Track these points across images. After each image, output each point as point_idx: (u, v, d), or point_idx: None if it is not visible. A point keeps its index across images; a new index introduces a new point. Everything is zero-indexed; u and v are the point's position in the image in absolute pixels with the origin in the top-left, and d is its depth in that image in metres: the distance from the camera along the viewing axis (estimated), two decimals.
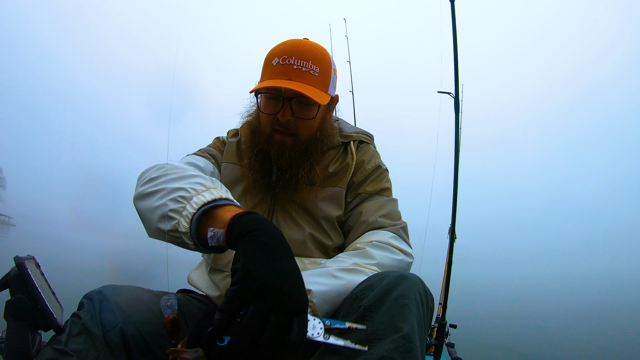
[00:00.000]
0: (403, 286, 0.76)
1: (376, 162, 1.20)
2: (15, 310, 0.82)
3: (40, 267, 0.91)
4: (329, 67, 1.12)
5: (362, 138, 1.25)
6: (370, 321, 0.73)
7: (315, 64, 1.08)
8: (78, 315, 0.88)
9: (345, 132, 1.25)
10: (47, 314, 0.85)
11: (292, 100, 1.06)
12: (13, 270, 0.84)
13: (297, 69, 1.06)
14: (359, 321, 0.73)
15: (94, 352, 0.84)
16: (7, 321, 0.83)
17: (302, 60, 1.06)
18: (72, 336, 0.85)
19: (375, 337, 0.70)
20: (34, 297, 0.83)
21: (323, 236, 1.11)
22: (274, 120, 1.09)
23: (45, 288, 0.88)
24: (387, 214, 1.12)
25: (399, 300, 0.74)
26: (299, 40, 1.11)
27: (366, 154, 1.22)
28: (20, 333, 0.83)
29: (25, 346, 0.83)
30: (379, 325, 0.72)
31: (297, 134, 1.10)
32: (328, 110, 1.19)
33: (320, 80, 1.09)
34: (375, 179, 1.18)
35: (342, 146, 1.22)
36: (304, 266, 1.06)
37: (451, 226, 2.61)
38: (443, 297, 2.56)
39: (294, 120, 1.08)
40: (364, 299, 0.77)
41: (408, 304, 0.74)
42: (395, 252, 1.03)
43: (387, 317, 0.72)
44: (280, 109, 1.07)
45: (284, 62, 1.06)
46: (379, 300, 0.75)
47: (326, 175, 1.16)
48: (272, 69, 1.08)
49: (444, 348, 2.30)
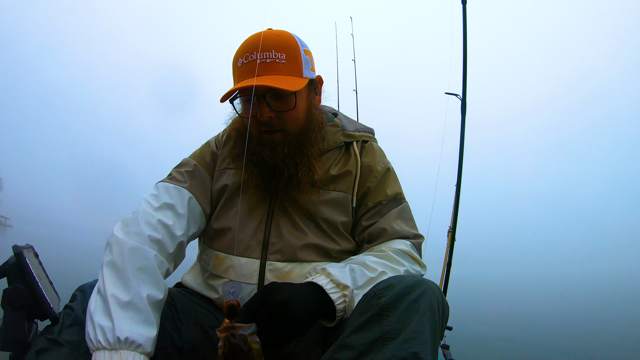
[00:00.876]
0: (420, 290, 0.77)
1: (385, 164, 1.16)
2: (12, 298, 0.83)
3: (38, 256, 0.92)
4: (297, 50, 1.05)
5: (365, 137, 1.19)
6: (387, 320, 0.74)
7: (279, 52, 1.02)
8: (71, 307, 0.89)
9: (347, 130, 1.19)
10: (44, 303, 0.85)
11: (266, 96, 1.01)
12: (11, 259, 0.84)
13: (261, 62, 1.01)
14: (376, 318, 0.75)
15: (85, 343, 0.84)
16: (4, 309, 0.83)
17: (265, 52, 1.01)
18: (64, 327, 0.86)
19: (391, 336, 0.72)
20: (31, 286, 0.84)
21: (326, 241, 1.07)
22: (257, 121, 1.04)
23: (43, 278, 0.89)
24: (406, 221, 1.12)
25: (416, 304, 0.75)
26: (258, 33, 1.06)
27: (372, 156, 1.16)
28: (17, 322, 0.83)
29: (21, 335, 0.83)
30: (394, 325, 0.73)
31: (285, 129, 1.05)
32: (313, 95, 1.13)
33: (289, 67, 1.03)
34: (389, 184, 1.14)
35: (344, 146, 1.17)
36: (305, 272, 1.03)
37: (452, 229, 2.60)
38: None
39: (276, 115, 1.03)
40: (382, 297, 0.78)
41: (423, 307, 0.75)
42: (415, 263, 1.04)
43: (402, 318, 0.73)
44: (258, 109, 1.03)
45: (247, 60, 1.03)
46: (396, 301, 0.76)
47: (329, 178, 1.11)
48: (239, 70, 1.05)
49: (439, 350, 2.31)
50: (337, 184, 1.11)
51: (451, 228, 2.70)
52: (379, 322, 0.74)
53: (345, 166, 1.13)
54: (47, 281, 0.92)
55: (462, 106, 2.45)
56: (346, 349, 0.74)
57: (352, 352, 0.73)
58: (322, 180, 1.10)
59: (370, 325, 0.75)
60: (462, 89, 2.38)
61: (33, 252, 0.91)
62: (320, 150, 1.12)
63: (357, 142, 1.17)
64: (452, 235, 2.63)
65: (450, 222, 2.74)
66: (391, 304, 0.76)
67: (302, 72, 1.05)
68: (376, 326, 0.74)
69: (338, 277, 0.88)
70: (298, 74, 1.04)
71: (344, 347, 0.75)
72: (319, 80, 1.14)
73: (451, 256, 2.60)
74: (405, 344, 0.70)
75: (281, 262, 1.04)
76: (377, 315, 0.75)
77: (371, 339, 0.72)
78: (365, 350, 0.71)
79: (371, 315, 0.76)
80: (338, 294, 0.85)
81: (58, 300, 0.93)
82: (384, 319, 0.74)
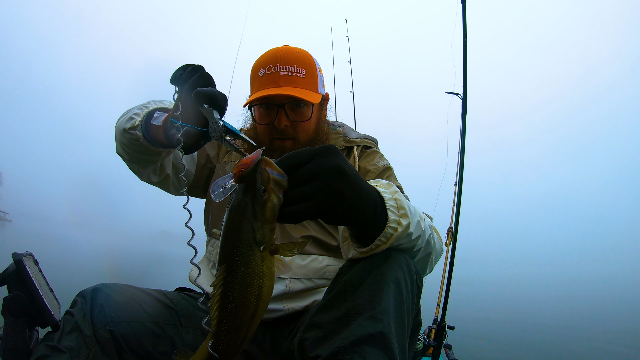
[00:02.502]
0: (384, 263, 0.76)
1: (383, 164, 1.20)
2: (12, 306, 0.82)
3: (38, 263, 0.91)
4: (314, 67, 1.16)
5: (366, 143, 1.25)
6: (351, 296, 0.73)
7: (300, 67, 1.12)
8: (71, 313, 0.89)
9: (349, 137, 1.26)
10: (45, 310, 0.85)
11: (285, 105, 1.10)
12: (11, 266, 0.84)
13: (284, 74, 1.10)
14: (341, 295, 0.73)
15: (85, 349, 0.85)
16: (5, 317, 0.83)
17: (287, 66, 1.10)
18: (65, 333, 0.86)
19: (356, 312, 0.71)
20: (31, 294, 0.84)
21: (324, 235, 1.10)
22: (271, 129, 1.12)
23: (43, 285, 0.88)
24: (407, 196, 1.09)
25: (379, 278, 0.74)
26: (279, 47, 1.15)
27: (370, 159, 1.21)
28: (18, 330, 0.83)
29: (22, 343, 0.83)
30: (359, 300, 0.72)
31: (296, 137, 1.13)
32: (321, 109, 1.22)
33: (308, 81, 1.12)
34: (387, 179, 1.16)
35: (345, 150, 1.23)
36: (304, 263, 1.07)
37: (453, 229, 2.59)
38: (442, 299, 2.56)
39: (291, 125, 1.12)
40: (346, 274, 0.77)
41: (387, 281, 0.73)
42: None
43: (366, 293, 0.72)
44: (276, 116, 1.10)
45: (270, 70, 1.10)
46: (359, 276, 0.75)
47: None
48: (260, 80, 1.12)
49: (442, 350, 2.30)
50: None
51: (452, 228, 2.69)
52: (344, 299, 0.73)
53: None
54: (47, 288, 0.91)
55: (462, 105, 2.45)
56: (315, 327, 0.74)
57: (320, 331, 0.72)
58: None
59: (335, 303, 0.74)
60: (463, 88, 2.38)
61: (33, 259, 0.90)
62: None
63: (357, 147, 1.23)
64: (454, 235, 2.62)
65: (451, 222, 2.73)
66: (355, 280, 0.75)
67: (317, 88, 1.15)
68: (341, 303, 0.73)
69: (402, 201, 0.77)
70: (314, 89, 1.14)
71: (312, 326, 0.74)
72: (327, 97, 1.24)
73: (453, 256, 2.59)
74: (370, 320, 0.69)
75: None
76: (341, 292, 0.75)
77: (337, 317, 0.72)
78: (332, 329, 0.71)
79: (336, 292, 0.75)
80: (395, 216, 0.75)
81: (59, 307, 0.93)
82: (348, 295, 0.74)
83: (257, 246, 0.62)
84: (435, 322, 2.44)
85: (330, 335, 0.70)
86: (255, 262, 0.62)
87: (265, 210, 0.61)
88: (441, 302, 2.54)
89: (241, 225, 0.61)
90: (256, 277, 0.63)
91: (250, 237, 0.62)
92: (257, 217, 0.61)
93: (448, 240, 2.67)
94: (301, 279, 1.07)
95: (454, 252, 2.57)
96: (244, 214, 0.61)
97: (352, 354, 0.66)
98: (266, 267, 0.64)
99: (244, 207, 0.61)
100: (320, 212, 0.64)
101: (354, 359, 0.65)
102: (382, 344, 0.67)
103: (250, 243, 0.62)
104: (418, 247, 0.82)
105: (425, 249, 0.85)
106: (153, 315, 0.98)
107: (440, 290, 2.65)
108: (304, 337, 0.74)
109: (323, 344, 0.70)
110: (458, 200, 2.56)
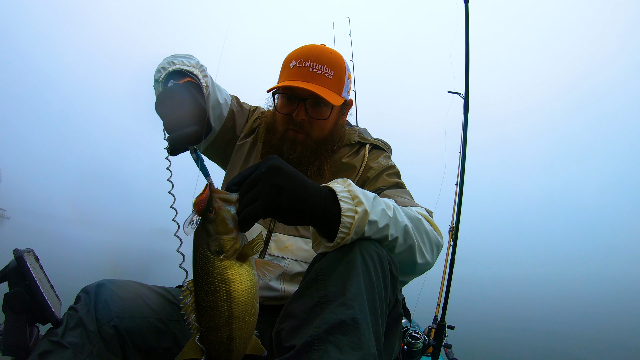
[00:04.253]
0: (354, 251, 0.77)
1: (388, 163, 1.22)
2: (13, 303, 0.82)
3: (39, 260, 0.91)
4: (344, 72, 1.17)
5: (378, 144, 1.28)
6: (322, 284, 0.74)
7: (330, 68, 1.14)
8: (75, 308, 0.90)
9: (363, 135, 1.30)
10: (45, 307, 0.85)
11: (307, 100, 1.12)
12: (12, 263, 0.84)
13: (312, 71, 1.12)
14: (313, 284, 0.75)
15: (89, 345, 0.85)
16: (5, 314, 0.83)
17: (317, 64, 1.12)
18: (68, 329, 0.86)
19: (328, 300, 0.72)
20: (32, 291, 0.84)
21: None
22: (289, 119, 1.15)
23: (44, 281, 0.88)
24: (411, 199, 1.10)
25: (349, 265, 0.75)
26: (316, 45, 1.18)
27: (377, 158, 1.23)
28: (18, 326, 0.83)
29: (22, 339, 0.83)
30: (330, 288, 0.73)
31: (310, 133, 1.16)
32: (342, 114, 1.24)
33: (334, 83, 1.14)
34: (390, 175, 1.18)
35: (357, 145, 1.26)
36: (308, 247, 1.12)
37: (455, 228, 2.59)
38: (442, 298, 2.55)
39: (308, 120, 1.14)
40: (317, 262, 0.79)
41: (358, 268, 0.74)
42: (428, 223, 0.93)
43: (336, 280, 0.74)
44: (295, 109, 1.13)
45: (301, 64, 1.13)
46: (330, 264, 0.76)
47: (336, 167, 1.19)
48: (289, 71, 1.14)
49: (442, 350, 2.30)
50: (341, 175, 1.18)
51: (453, 227, 2.69)
52: (316, 287, 0.75)
53: (352, 161, 1.21)
54: (48, 285, 0.91)
55: (464, 105, 2.44)
56: (289, 317, 0.75)
57: (294, 321, 0.74)
58: (328, 178, 1.15)
59: (308, 292, 0.75)
60: (465, 87, 2.37)
61: (34, 255, 0.90)
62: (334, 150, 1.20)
63: (368, 146, 1.26)
64: (455, 234, 2.62)
65: (452, 221, 2.72)
66: (325, 268, 0.76)
67: (342, 92, 1.17)
68: (313, 291, 0.74)
69: (356, 191, 0.79)
70: (339, 92, 1.16)
71: (286, 316, 0.76)
72: (350, 103, 1.26)
73: (454, 255, 2.58)
74: (341, 306, 0.70)
75: (284, 234, 1.14)
76: (313, 281, 0.76)
77: (310, 305, 0.73)
78: (306, 317, 0.72)
79: (308, 281, 0.77)
80: (349, 205, 0.77)
81: (59, 303, 0.93)
82: (319, 283, 0.75)
83: (216, 256, 0.71)
84: (435, 322, 2.44)
85: (303, 324, 0.72)
86: (216, 271, 0.71)
87: (216, 225, 0.71)
88: (441, 302, 2.53)
89: (196, 244, 0.72)
90: (221, 284, 0.71)
91: (206, 250, 0.71)
92: (209, 233, 0.71)
93: (449, 239, 2.66)
94: (300, 262, 1.12)
95: (455, 252, 2.56)
96: (199, 234, 0.72)
97: (326, 344, 0.67)
98: (234, 273, 0.72)
99: (199, 229, 0.72)
100: (268, 209, 0.71)
101: (328, 348, 0.66)
102: (354, 330, 0.68)
103: (207, 256, 0.71)
104: (393, 237, 0.81)
105: (404, 239, 0.84)
106: (157, 310, 0.99)
107: (441, 289, 2.65)
108: (279, 327, 0.76)
109: (297, 334, 0.71)
110: (459, 200, 2.56)
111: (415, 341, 1.69)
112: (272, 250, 1.12)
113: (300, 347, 0.68)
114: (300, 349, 0.68)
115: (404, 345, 1.73)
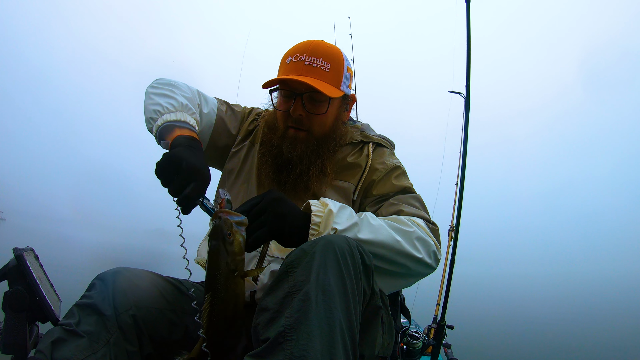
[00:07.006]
0: (322, 243, 0.79)
1: (394, 162, 1.21)
2: (13, 301, 0.82)
3: (39, 259, 0.91)
4: (341, 65, 1.14)
5: (382, 142, 1.26)
6: (292, 275, 0.77)
7: (327, 61, 1.11)
8: (89, 296, 0.89)
9: (366, 133, 1.27)
10: (45, 306, 0.85)
11: (304, 95, 1.10)
12: (12, 261, 0.83)
13: (307, 65, 1.09)
14: (284, 276, 0.79)
15: (105, 334, 0.84)
16: (5, 312, 0.82)
17: (313, 57, 1.10)
18: (83, 316, 0.85)
19: (297, 289, 0.75)
20: (32, 289, 0.83)
21: None
22: (288, 117, 1.13)
23: (43, 280, 0.88)
24: (421, 206, 1.12)
25: (318, 256, 0.77)
26: (313, 40, 1.15)
27: (382, 156, 1.22)
28: (18, 324, 0.83)
29: (22, 338, 0.83)
30: (299, 277, 0.76)
31: (311, 129, 1.13)
32: (343, 109, 1.21)
33: (331, 76, 1.11)
34: (397, 178, 1.17)
35: (360, 144, 1.24)
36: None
37: (455, 228, 2.59)
38: (442, 297, 2.55)
39: (307, 115, 1.11)
40: (288, 257, 0.82)
41: (328, 258, 0.77)
42: (429, 237, 1.01)
43: (306, 270, 0.76)
44: (292, 104, 1.10)
45: (296, 59, 1.10)
46: (300, 257, 0.79)
47: (340, 166, 1.18)
48: (285, 66, 1.12)
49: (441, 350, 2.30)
50: (345, 174, 1.17)
51: (453, 227, 2.69)
52: (287, 279, 0.77)
53: (356, 160, 1.20)
54: (48, 283, 0.91)
55: (465, 105, 2.44)
56: (263, 311, 0.76)
57: (268, 314, 0.75)
58: (331, 177, 1.15)
59: (280, 284, 0.78)
60: (466, 87, 2.37)
61: (34, 254, 0.90)
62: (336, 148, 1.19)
63: (371, 144, 1.24)
64: (455, 234, 2.62)
65: (452, 221, 2.72)
66: (295, 260, 0.79)
67: (341, 85, 1.14)
68: (284, 283, 0.77)
69: (327, 201, 0.94)
70: (336, 85, 1.13)
71: (261, 310, 0.77)
72: (352, 98, 1.24)
73: (454, 255, 2.58)
74: (308, 294, 0.72)
75: None
76: (284, 274, 0.78)
77: (281, 297, 0.75)
78: (278, 309, 0.74)
79: (279, 274, 0.79)
80: (318, 206, 0.92)
81: (59, 302, 0.93)
82: (290, 275, 0.77)
83: (232, 274, 0.82)
84: (434, 321, 2.44)
85: (276, 316, 0.73)
86: (231, 287, 0.83)
87: (234, 248, 0.81)
88: (441, 301, 2.53)
89: (217, 262, 0.81)
90: (232, 298, 0.83)
91: (226, 269, 0.81)
92: (229, 254, 0.81)
93: (449, 239, 2.66)
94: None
95: (455, 251, 2.56)
96: (219, 254, 0.81)
97: (297, 333, 0.68)
98: (242, 289, 0.85)
99: (219, 249, 0.81)
100: (273, 234, 0.87)
101: (300, 337, 0.68)
102: (325, 315, 0.71)
103: (227, 273, 0.82)
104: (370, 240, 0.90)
105: (384, 243, 0.92)
106: (171, 302, 1.00)
107: (440, 289, 2.65)
108: (256, 322, 0.77)
109: (271, 326, 0.73)
110: (459, 199, 2.56)
111: (415, 341, 1.69)
112: (272, 252, 1.11)
113: (274, 339, 0.70)
114: (274, 340, 0.70)
115: (404, 344, 1.73)
